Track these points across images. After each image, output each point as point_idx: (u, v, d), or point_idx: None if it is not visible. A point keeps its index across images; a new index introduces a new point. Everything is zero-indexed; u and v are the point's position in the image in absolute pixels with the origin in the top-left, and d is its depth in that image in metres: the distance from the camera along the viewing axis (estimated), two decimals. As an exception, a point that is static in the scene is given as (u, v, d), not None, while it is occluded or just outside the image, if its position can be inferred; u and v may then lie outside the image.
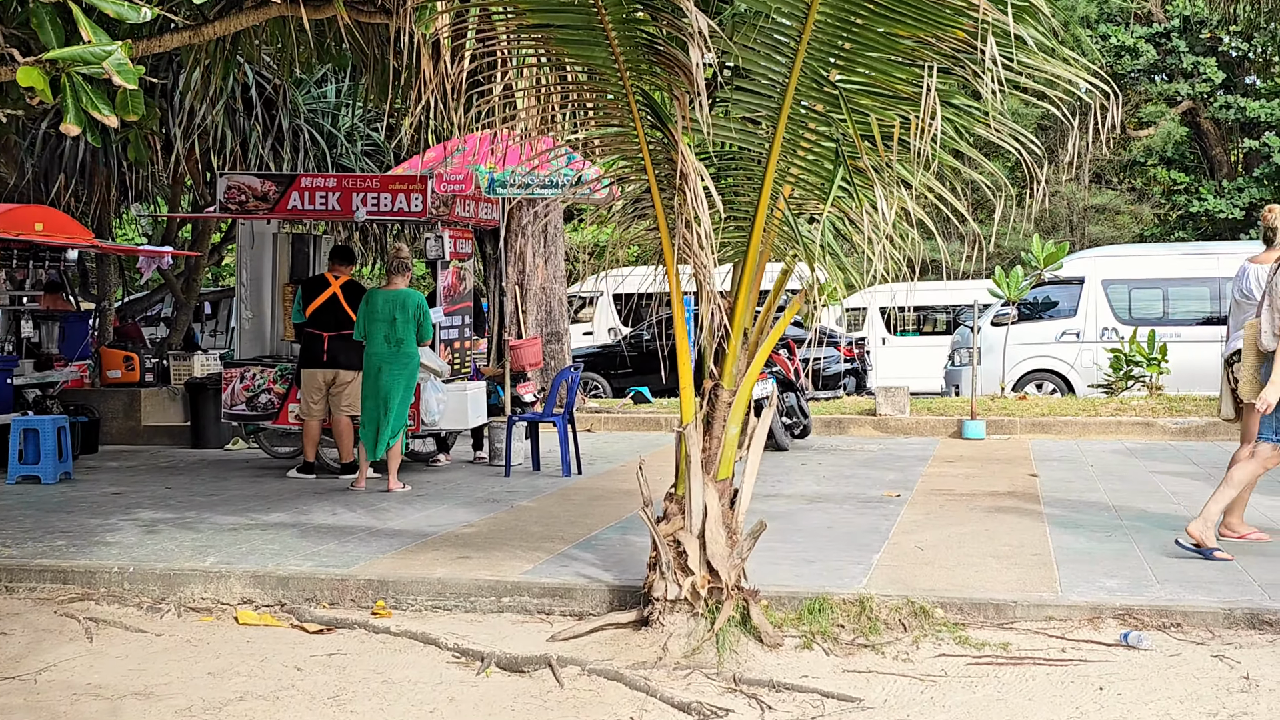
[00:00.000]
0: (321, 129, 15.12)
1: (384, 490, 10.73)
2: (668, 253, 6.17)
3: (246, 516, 9.39)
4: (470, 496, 10.45)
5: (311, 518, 9.34)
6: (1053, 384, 19.55)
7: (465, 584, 7.15)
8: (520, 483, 11.30)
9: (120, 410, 14.90)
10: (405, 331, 10.74)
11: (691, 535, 6.26)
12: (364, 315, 10.83)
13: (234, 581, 7.37)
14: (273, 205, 11.84)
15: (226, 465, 12.81)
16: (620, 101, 6.13)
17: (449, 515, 9.46)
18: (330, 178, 11.81)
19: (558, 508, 9.85)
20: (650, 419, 16.28)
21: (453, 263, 12.17)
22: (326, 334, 11.33)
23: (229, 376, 12.16)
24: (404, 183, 11.62)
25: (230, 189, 11.96)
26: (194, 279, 17.49)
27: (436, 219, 11.77)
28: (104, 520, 9.22)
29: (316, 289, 11.52)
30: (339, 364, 11.34)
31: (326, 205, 11.75)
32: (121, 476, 11.88)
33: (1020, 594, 6.76)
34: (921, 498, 10.33)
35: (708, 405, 6.36)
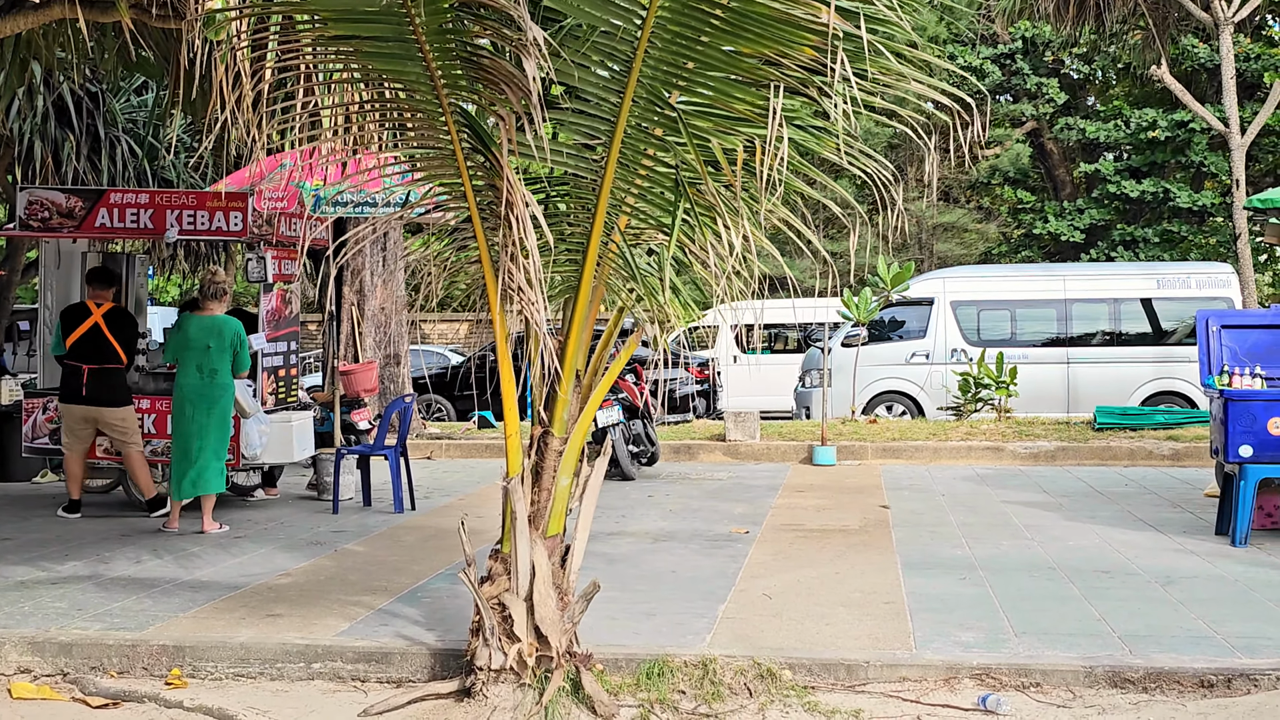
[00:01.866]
0: (142, 140, 14.21)
1: (198, 532, 9.94)
2: (491, 288, 5.60)
3: (38, 566, 8.54)
4: (292, 538, 9.72)
5: (112, 567, 8.54)
6: (903, 406, 19.40)
7: (272, 648, 6.47)
8: (349, 520, 10.60)
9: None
10: (220, 361, 9.98)
11: (518, 598, 5.69)
12: (175, 342, 10.04)
13: (9, 649, 6.58)
14: (79, 223, 10.96)
15: (31, 502, 11.85)
16: (436, 121, 5.54)
17: (266, 562, 8.74)
18: (142, 193, 10.97)
19: (385, 551, 9.19)
20: (494, 445, 15.65)
21: (276, 285, 11.41)
22: (87, 367, 10.48)
23: (30, 407, 11.23)
24: (223, 200, 10.84)
25: (31, 204, 11.04)
26: (5, 298, 16.37)
27: (259, 239, 11.01)
28: (-126, 573, 8.32)
29: (76, 318, 10.63)
30: (100, 400, 10.49)
31: (138, 223, 10.91)
32: (-92, 517, 10.88)
33: (873, 652, 6.33)
34: (771, 534, 9.90)
35: (536, 454, 5.80)
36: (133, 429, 10.67)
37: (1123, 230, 31.63)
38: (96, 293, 10.72)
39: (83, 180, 13.98)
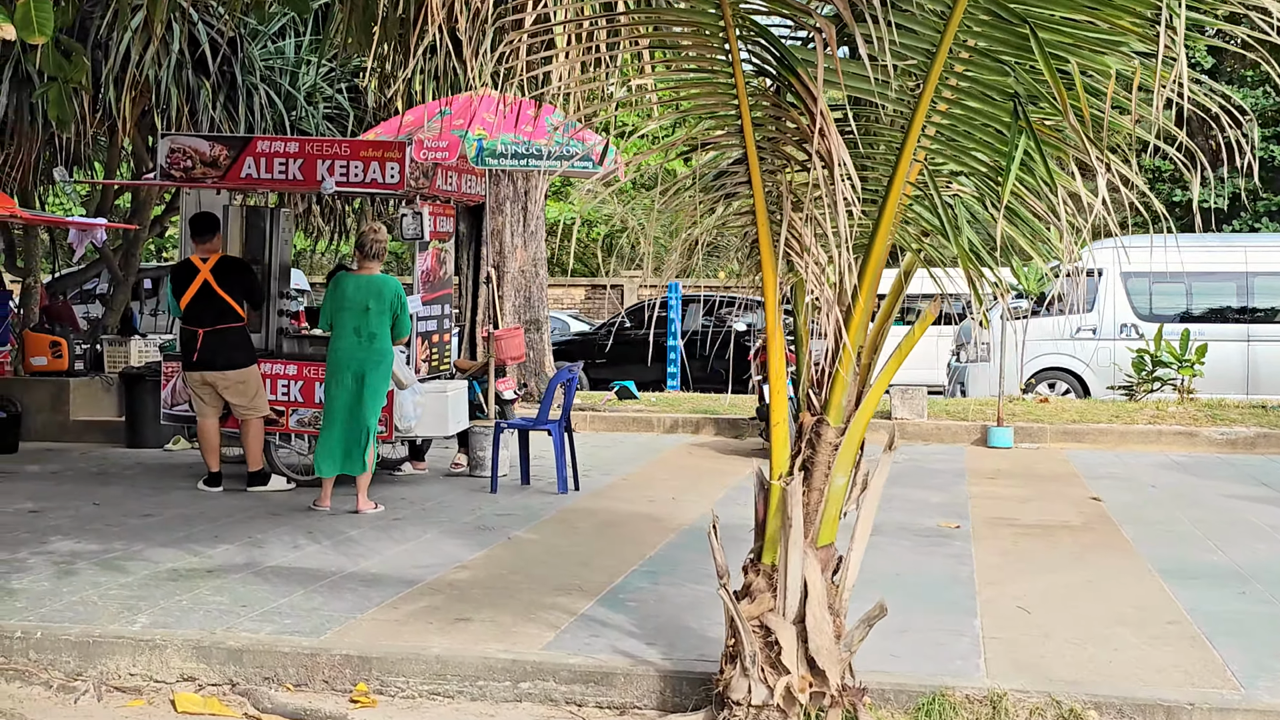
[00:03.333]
0: (279, 88, 13.42)
1: (352, 511, 9.10)
2: (765, 247, 4.59)
3: (188, 550, 7.73)
4: (456, 521, 8.84)
5: (267, 553, 7.70)
6: (1066, 384, 18.14)
7: (472, 663, 5.55)
8: (511, 501, 9.70)
9: (46, 403, 13.14)
10: (379, 324, 9.10)
11: (785, 621, 4.71)
12: (331, 303, 9.17)
13: (172, 653, 5.73)
14: (223, 173, 10.14)
15: (166, 472, 11.11)
16: (713, 36, 4.50)
17: (435, 550, 7.85)
18: (292, 141, 10.12)
19: (563, 540, 8.26)
20: (641, 418, 14.70)
21: (432, 243, 10.52)
22: (202, 330, 9.70)
23: (169, 371, 10.46)
24: (378, 149, 9.95)
25: (174, 153, 10.24)
26: (133, 254, 15.70)
27: (415, 192, 10.11)
28: (12, 554, 7.53)
29: (185, 278, 9.84)
30: (215, 363, 9.72)
31: (287, 174, 10.06)
32: (42, 487, 10.16)
33: (1191, 690, 5.26)
34: (985, 529, 8.83)
35: (808, 447, 4.79)
36: (254, 393, 9.85)
37: (1268, 200, 29.83)
38: (200, 245, 9.91)
39: (219, 130, 13.21)
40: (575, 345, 20.11)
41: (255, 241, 10.91)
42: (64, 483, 10.38)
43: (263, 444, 10.03)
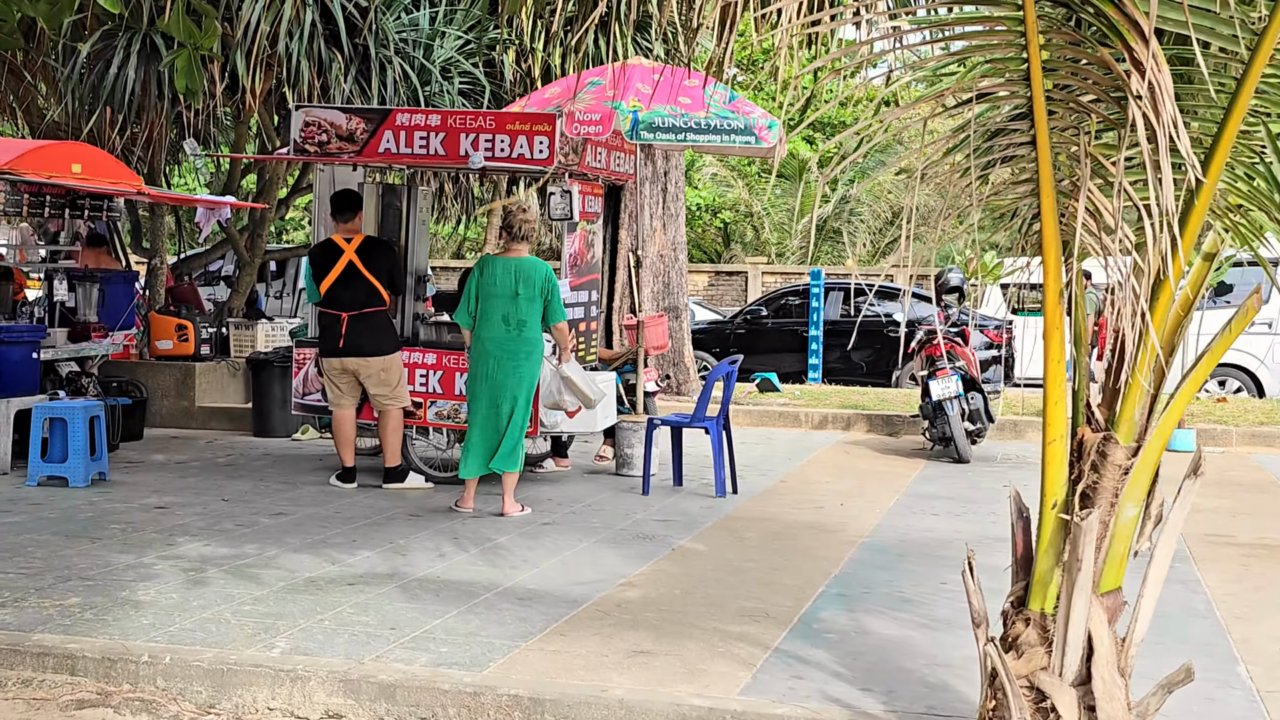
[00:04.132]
0: (413, 62, 12.77)
1: (497, 514, 8.38)
2: (1049, 219, 3.71)
3: (325, 556, 7.05)
4: (610, 528, 8.07)
5: (411, 562, 6.99)
6: (1238, 381, 16.91)
7: (662, 709, 4.76)
8: (666, 505, 8.91)
9: (171, 388, 12.65)
10: (529, 311, 8.36)
11: (1064, 683, 3.84)
12: (475, 289, 8.45)
13: (316, 686, 5.03)
14: (360, 147, 9.47)
15: (296, 463, 10.51)
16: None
17: (594, 562, 7.09)
18: (433, 114, 9.41)
19: (733, 552, 7.44)
20: (788, 413, 13.84)
21: (580, 224, 9.76)
22: (346, 314, 9.07)
23: (301, 358, 9.84)
24: (526, 122, 9.20)
25: (308, 126, 9.60)
26: (259, 235, 15.19)
27: (564, 169, 9.35)
28: (138, 557, 6.92)
29: (327, 259, 9.22)
30: (360, 349, 9.09)
31: (428, 149, 9.35)
32: (168, 479, 9.60)
33: None
34: (1203, 549, 7.84)
35: (1090, 469, 3.91)
36: (397, 382, 9.21)
37: None
38: (343, 225, 9.27)
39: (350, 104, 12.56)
40: (707, 334, 19.27)
41: (391, 221, 10.24)
42: (190, 475, 9.82)
43: (401, 438, 9.37)
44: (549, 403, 8.79)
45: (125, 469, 9.97)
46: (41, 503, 8.48)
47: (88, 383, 10.86)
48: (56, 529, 7.63)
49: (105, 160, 11.11)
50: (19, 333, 9.82)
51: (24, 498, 8.66)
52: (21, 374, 9.83)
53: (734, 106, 9.60)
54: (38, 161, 10.26)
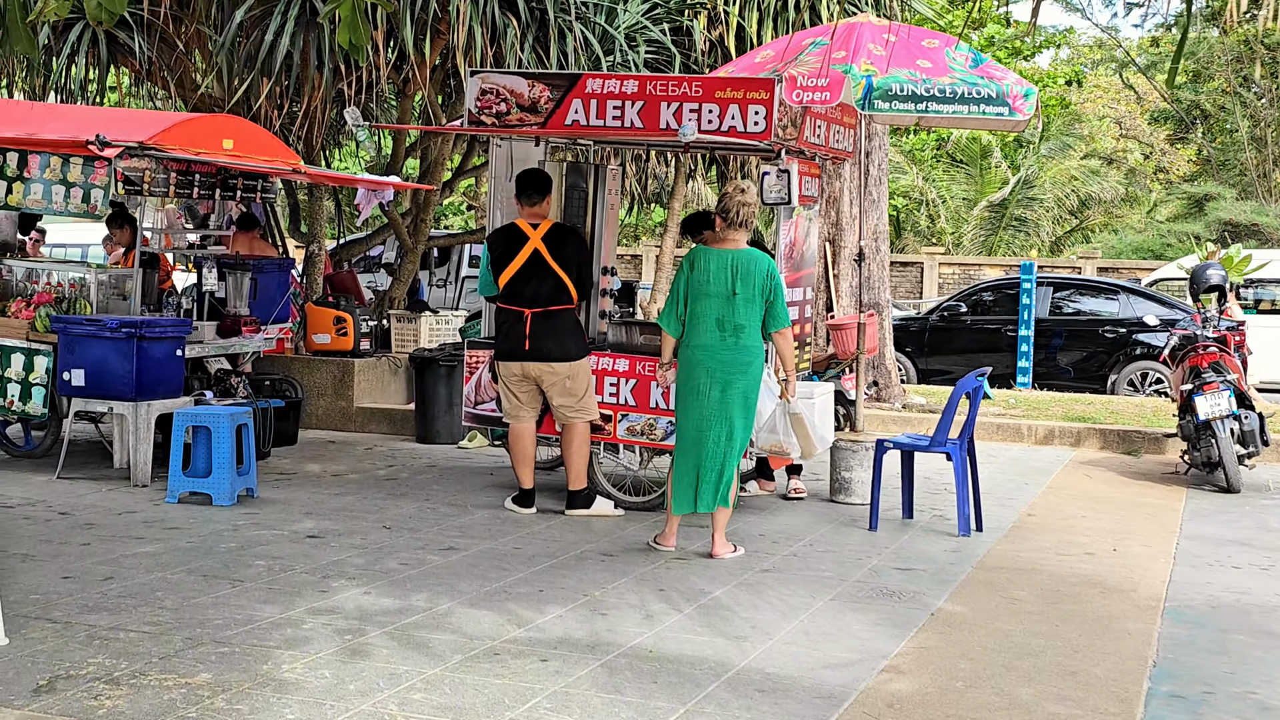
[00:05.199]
0: (594, 28, 11.49)
1: (705, 554, 7.02)
2: None
3: (508, 614, 5.75)
4: (844, 578, 6.65)
5: (614, 624, 5.66)
6: None
7: None
8: (902, 546, 7.46)
9: (328, 386, 11.57)
10: (749, 314, 6.96)
11: None
12: (684, 287, 7.08)
13: (511, 831, 3.71)
14: (545, 118, 8.18)
15: (464, 478, 9.29)
16: None
17: (839, 629, 5.67)
18: (629, 79, 8.07)
19: (1010, 621, 5.95)
20: (1007, 425, 12.22)
21: (798, 210, 8.34)
22: (530, 311, 7.80)
23: (473, 361, 8.59)
24: (739, 89, 7.80)
25: (485, 95, 8.33)
26: (423, 220, 14.08)
27: (781, 145, 7.94)
28: (285, 609, 5.70)
29: (509, 247, 7.96)
30: (546, 353, 7.83)
31: (623, 120, 8.02)
32: (322, 496, 8.45)
33: None
34: None
35: None
36: (584, 392, 7.92)
37: None
38: (530, 209, 7.99)
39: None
40: (897, 332, 17.67)
41: (575, 205, 8.94)
42: (348, 491, 8.65)
43: (588, 457, 8.08)
44: (766, 444, 7.37)
45: (276, 482, 8.85)
46: (180, 526, 7.37)
47: (237, 383, 9.79)
48: (193, 564, 6.47)
49: (260, 135, 10.01)
50: (162, 327, 8.76)
51: (161, 519, 7.56)
52: (164, 373, 8.77)
53: (983, 71, 8.09)
54: (185, 136, 9.18)
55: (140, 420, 8.56)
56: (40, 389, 8.90)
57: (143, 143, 8.84)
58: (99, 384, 8.61)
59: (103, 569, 6.33)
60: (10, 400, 8.98)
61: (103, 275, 9.48)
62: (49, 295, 9.15)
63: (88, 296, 9.25)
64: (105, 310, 9.41)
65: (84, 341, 8.62)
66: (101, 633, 5.26)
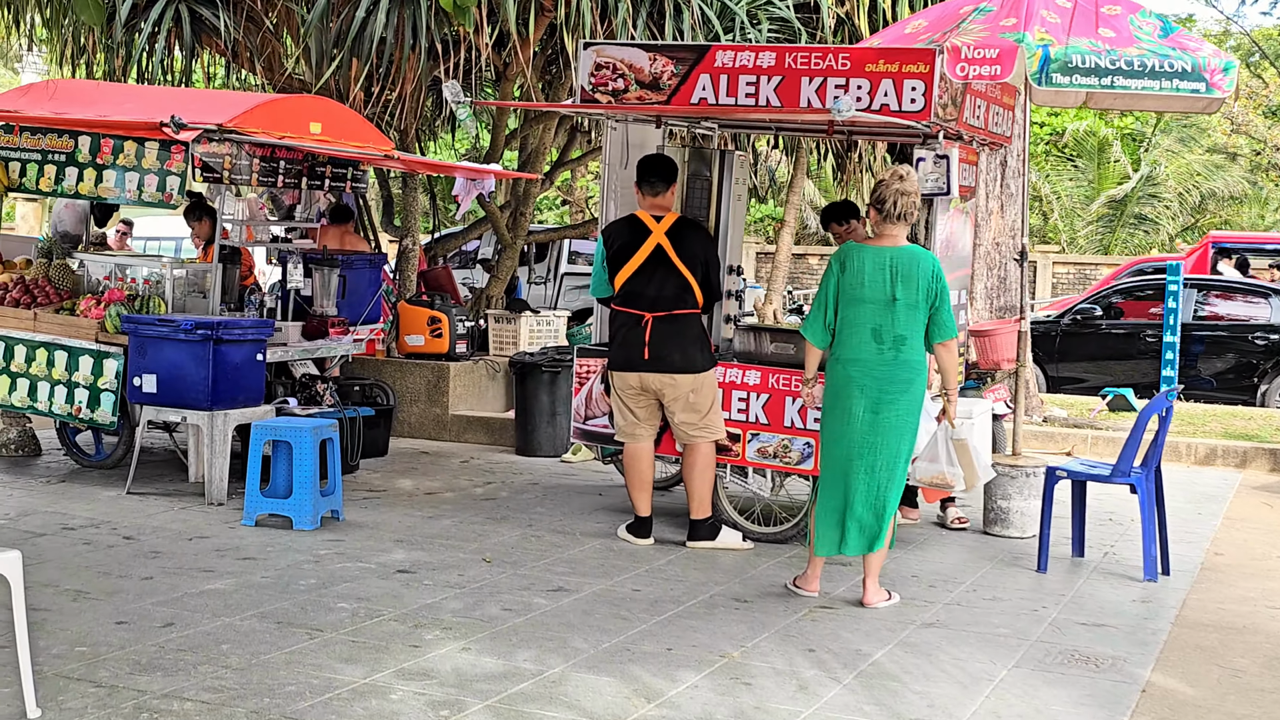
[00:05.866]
0: (713, 3, 10.52)
1: (855, 602, 6.03)
2: None
3: (634, 683, 4.81)
4: (1023, 636, 5.62)
5: (762, 699, 4.69)
6: None
7: None
8: (1078, 592, 6.41)
9: (421, 392, 10.72)
10: (910, 323, 5.94)
11: None
12: (833, 291, 6.06)
13: None
14: (668, 96, 7.22)
15: (569, 499, 8.38)
16: None
17: (1033, 712, 4.66)
18: (765, 50, 7.10)
19: (1245, 704, 4.89)
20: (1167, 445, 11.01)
21: (954, 201, 7.31)
22: (650, 315, 6.84)
23: (583, 370, 7.65)
24: (893, 61, 6.78)
25: (600, 69, 7.40)
26: (522, 213, 13.20)
27: (939, 127, 6.91)
28: (369, 672, 4.80)
29: (628, 242, 7.02)
30: (670, 364, 6.87)
31: (757, 97, 7.05)
32: (415, 520, 7.57)
33: None
34: None
35: None
36: (710, 407, 6.97)
37: None
38: (652, 199, 7.04)
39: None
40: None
41: (698, 196, 7.99)
42: (443, 513, 7.77)
43: (713, 481, 7.12)
44: (926, 476, 6.33)
45: (364, 502, 8.00)
46: (255, 556, 6.51)
47: (323, 389, 8.95)
48: (267, 607, 5.60)
49: (350, 119, 9.18)
50: (241, 329, 7.94)
51: (235, 546, 6.72)
52: (243, 380, 7.95)
53: (1174, 41, 7.00)
54: (269, 118, 8.36)
55: (216, 431, 7.75)
56: (109, 395, 8.13)
57: (222, 125, 8.03)
58: (172, 391, 7.81)
59: (163, 611, 5.49)
60: (78, 407, 8.22)
61: (179, 271, 8.70)
62: (121, 293, 8.37)
63: (163, 294, 8.47)
64: (182, 309, 8.62)
65: (156, 344, 7.83)
66: (151, 702, 4.40)
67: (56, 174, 8.68)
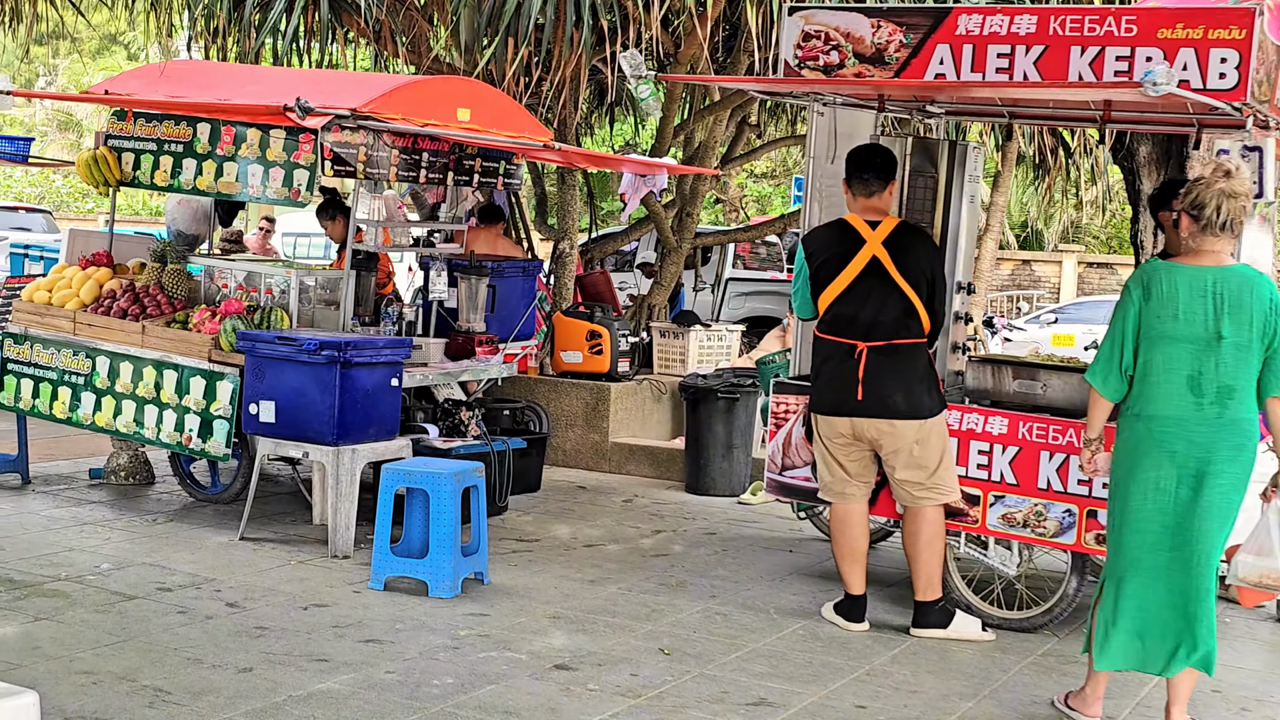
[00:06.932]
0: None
1: (1154, 736, 4.57)
2: None
3: None
4: None
5: None
6: None
7: None
8: None
9: (579, 416, 9.45)
10: (1239, 369, 4.43)
11: None
12: (1133, 326, 4.56)
13: None
14: (896, 71, 5.81)
15: (755, 556, 7.02)
16: None
17: None
18: (1023, 13, 5.63)
19: None
20: None
21: (1260, 205, 5.77)
22: (864, 345, 5.46)
23: (782, 409, 6.25)
24: (1195, 23, 5.27)
25: (809, 39, 6.02)
26: (689, 214, 11.87)
27: (1251, 110, 5.38)
28: None
29: (838, 252, 5.64)
30: (891, 408, 5.51)
31: (1012, 71, 5.60)
32: (574, 586, 6.27)
33: None
34: None
35: None
36: (939, 462, 5.55)
37: None
38: (866, 200, 5.67)
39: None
40: None
41: (919, 198, 6.55)
42: (608, 576, 6.46)
43: (943, 554, 5.69)
44: (1252, 574, 4.79)
45: (514, 556, 6.74)
46: (380, 639, 5.28)
47: (469, 417, 7.72)
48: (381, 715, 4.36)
49: (503, 104, 7.95)
50: (374, 349, 6.73)
51: (358, 621, 5.49)
52: (375, 409, 6.74)
53: None
54: (410, 103, 7.16)
55: (343, 471, 6.55)
56: (223, 423, 6.99)
57: (356, 110, 6.85)
58: (292, 421, 6.63)
59: (258, 727, 4.28)
60: (188, 435, 7.11)
61: (308, 279, 7.55)
62: (239, 304, 7.24)
63: (288, 305, 7.32)
64: (310, 323, 7.48)
65: (275, 365, 6.67)
66: None
67: (173, 166, 7.61)
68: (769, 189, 31.13)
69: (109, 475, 8.11)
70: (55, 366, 7.61)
